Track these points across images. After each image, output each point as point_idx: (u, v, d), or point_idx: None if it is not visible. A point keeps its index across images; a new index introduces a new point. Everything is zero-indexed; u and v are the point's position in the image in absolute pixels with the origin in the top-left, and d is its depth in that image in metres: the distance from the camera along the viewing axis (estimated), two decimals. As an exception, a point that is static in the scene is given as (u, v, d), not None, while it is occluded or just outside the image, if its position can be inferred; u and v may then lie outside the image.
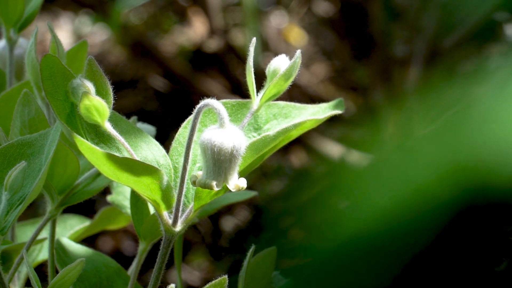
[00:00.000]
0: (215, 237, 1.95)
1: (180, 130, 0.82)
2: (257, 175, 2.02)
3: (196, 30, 2.37)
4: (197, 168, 0.81)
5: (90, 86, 0.77)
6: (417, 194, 0.45)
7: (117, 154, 0.78)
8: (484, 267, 0.51)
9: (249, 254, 0.87)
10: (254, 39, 0.79)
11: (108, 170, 0.75)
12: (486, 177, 0.44)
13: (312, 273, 0.49)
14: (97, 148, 0.74)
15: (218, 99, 0.77)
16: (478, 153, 0.44)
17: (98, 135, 0.79)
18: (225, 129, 0.74)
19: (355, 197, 0.48)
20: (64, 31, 2.38)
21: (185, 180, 0.78)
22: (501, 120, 0.44)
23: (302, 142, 2.05)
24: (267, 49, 2.23)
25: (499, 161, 0.44)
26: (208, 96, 0.78)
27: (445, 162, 0.45)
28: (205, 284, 0.81)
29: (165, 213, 0.79)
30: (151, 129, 0.93)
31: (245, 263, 0.87)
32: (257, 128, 0.84)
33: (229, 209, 1.99)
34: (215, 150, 0.74)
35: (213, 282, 0.80)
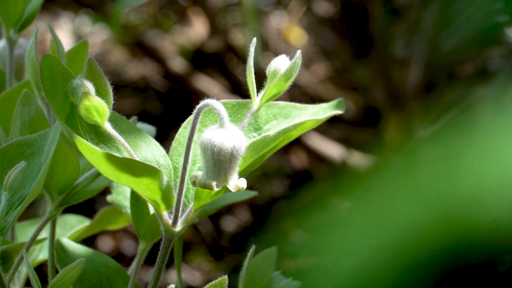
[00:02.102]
0: (215, 237, 1.95)
1: (180, 130, 0.82)
2: (257, 175, 2.02)
3: (196, 30, 2.37)
4: (197, 168, 0.81)
5: (90, 86, 0.77)
6: (404, 247, 0.45)
7: (117, 154, 0.78)
8: (485, 268, 0.51)
9: (249, 254, 0.86)
10: (254, 39, 0.79)
11: (108, 171, 0.75)
12: (474, 232, 0.44)
13: (315, 279, 0.49)
14: (97, 148, 0.74)
15: (218, 99, 0.77)
16: (468, 203, 0.44)
17: (98, 135, 0.79)
18: (225, 129, 0.74)
19: (353, 203, 0.47)
20: (64, 31, 2.38)
21: (185, 180, 0.78)
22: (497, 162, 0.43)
23: (302, 142, 2.05)
24: (267, 49, 2.22)
25: (487, 212, 0.43)
26: (208, 96, 0.78)
27: (432, 214, 0.44)
28: (205, 284, 0.80)
29: (165, 213, 0.79)
30: (151, 129, 0.93)
31: (245, 263, 0.87)
32: (257, 128, 0.84)
33: (229, 209, 1.99)
34: (215, 150, 0.74)
35: (213, 282, 0.80)
